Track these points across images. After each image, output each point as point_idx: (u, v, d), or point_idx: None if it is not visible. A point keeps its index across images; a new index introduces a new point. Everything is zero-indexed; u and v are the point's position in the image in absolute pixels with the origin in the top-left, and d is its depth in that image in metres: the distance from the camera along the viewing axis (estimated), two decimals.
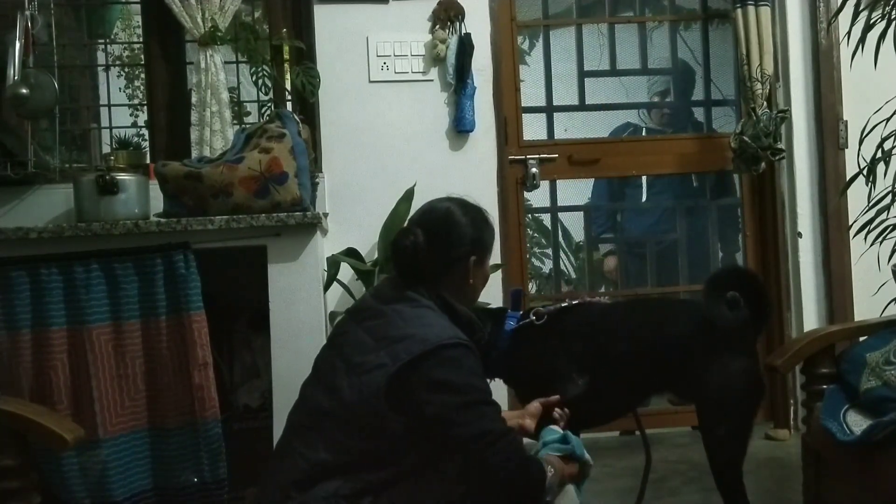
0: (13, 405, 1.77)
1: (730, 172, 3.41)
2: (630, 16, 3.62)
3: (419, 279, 1.66)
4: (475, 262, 1.72)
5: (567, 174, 3.32)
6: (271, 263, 2.21)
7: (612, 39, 3.50)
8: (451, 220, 1.73)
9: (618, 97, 3.78)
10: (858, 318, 3.02)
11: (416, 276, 1.67)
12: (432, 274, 1.67)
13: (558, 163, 3.26)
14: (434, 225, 1.72)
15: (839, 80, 3.15)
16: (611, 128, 3.80)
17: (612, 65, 3.51)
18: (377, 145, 2.93)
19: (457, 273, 1.71)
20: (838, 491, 1.96)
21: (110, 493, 2.07)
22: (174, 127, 2.89)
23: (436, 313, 1.63)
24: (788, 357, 2.07)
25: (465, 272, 1.71)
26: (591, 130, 3.76)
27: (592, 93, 3.51)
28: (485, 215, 1.79)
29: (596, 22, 3.62)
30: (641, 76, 3.76)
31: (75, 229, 2.17)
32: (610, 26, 3.52)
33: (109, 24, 3.15)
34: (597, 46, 3.68)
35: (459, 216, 1.73)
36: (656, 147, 3.50)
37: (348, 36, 2.93)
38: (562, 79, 3.53)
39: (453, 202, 1.77)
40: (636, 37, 3.54)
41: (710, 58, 3.53)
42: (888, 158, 2.35)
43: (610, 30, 3.52)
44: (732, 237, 3.70)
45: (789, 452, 2.83)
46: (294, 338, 2.20)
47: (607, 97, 3.73)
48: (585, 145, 3.38)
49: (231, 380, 2.63)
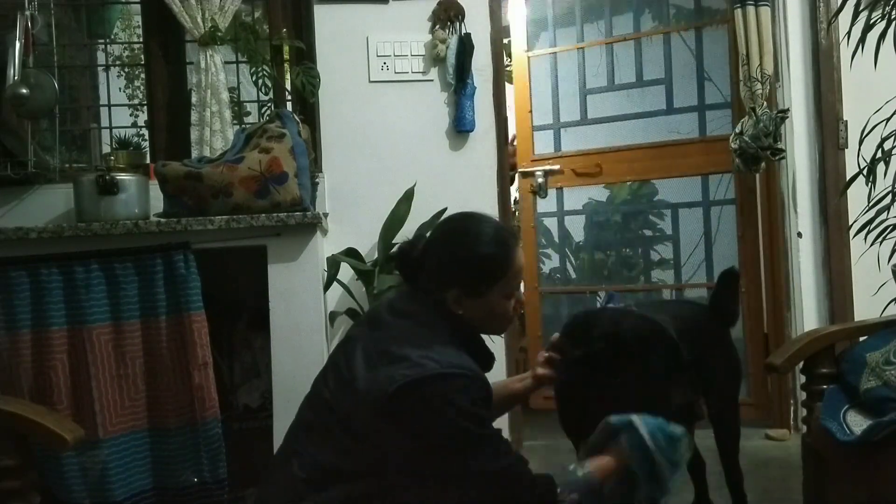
0: (13, 405, 1.76)
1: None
2: (627, 34, 3.78)
3: (424, 291, 1.58)
4: (459, 296, 1.55)
5: (572, 182, 3.58)
6: (271, 263, 2.21)
7: (610, 57, 3.79)
8: (447, 243, 1.61)
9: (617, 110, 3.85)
10: (858, 318, 3.02)
11: (417, 287, 1.60)
12: (433, 289, 1.57)
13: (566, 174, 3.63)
14: (435, 241, 1.63)
15: (839, 80, 3.16)
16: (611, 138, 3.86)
17: (611, 80, 3.77)
18: (377, 145, 2.93)
19: (444, 300, 1.56)
20: (838, 491, 1.96)
21: (110, 493, 2.07)
22: (174, 127, 2.89)
23: (438, 334, 1.52)
24: (788, 357, 2.07)
25: (446, 301, 1.55)
26: (592, 142, 3.85)
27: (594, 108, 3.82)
28: (498, 249, 1.59)
29: (597, 44, 3.83)
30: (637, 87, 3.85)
31: (75, 229, 2.17)
32: (608, 46, 3.79)
33: (109, 24, 3.14)
34: (595, 64, 3.86)
35: (460, 244, 1.59)
36: (656, 154, 3.55)
37: (348, 36, 2.94)
38: (566, 97, 3.86)
39: (473, 227, 1.62)
40: (632, 52, 3.74)
41: (704, 60, 3.57)
42: (888, 158, 2.35)
43: (608, 50, 3.79)
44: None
45: (789, 452, 2.83)
46: (294, 338, 2.20)
47: (606, 111, 3.85)
48: (588, 156, 3.70)
49: (231, 380, 2.63)
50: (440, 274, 1.57)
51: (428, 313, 1.55)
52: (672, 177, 3.68)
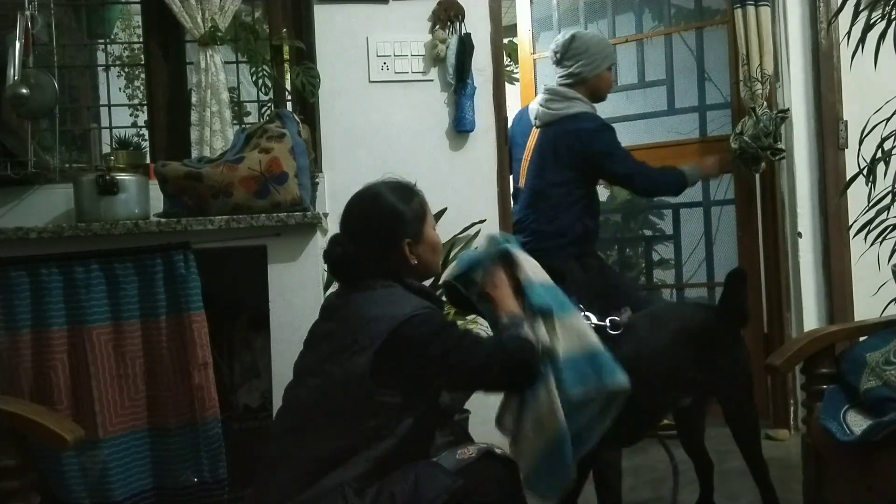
0: (13, 405, 1.76)
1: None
2: (628, 35, 3.78)
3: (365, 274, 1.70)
4: (410, 244, 1.72)
5: None
6: (271, 263, 2.21)
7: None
8: (368, 216, 1.74)
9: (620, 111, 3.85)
10: (858, 318, 3.02)
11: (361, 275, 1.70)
12: (374, 267, 1.70)
13: None
14: (354, 226, 1.75)
15: (839, 80, 3.16)
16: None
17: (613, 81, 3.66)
18: (377, 145, 2.93)
19: (395, 259, 1.72)
20: (838, 491, 1.96)
21: (110, 493, 2.07)
22: (174, 127, 2.89)
23: (398, 290, 1.68)
24: (788, 357, 2.07)
25: (404, 257, 1.72)
26: None
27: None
28: (405, 191, 1.78)
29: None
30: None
31: (75, 229, 2.17)
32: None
33: (109, 24, 3.14)
34: None
35: (376, 207, 1.74)
36: (657, 154, 3.55)
37: (348, 36, 2.93)
38: None
39: (367, 194, 1.77)
40: (634, 53, 3.74)
41: (704, 60, 3.57)
42: (888, 158, 2.34)
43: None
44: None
45: (789, 452, 2.83)
46: (294, 338, 2.18)
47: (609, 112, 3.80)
48: None
49: (231, 380, 2.63)
50: (385, 241, 1.71)
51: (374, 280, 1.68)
52: None
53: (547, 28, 3.95)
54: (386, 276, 1.70)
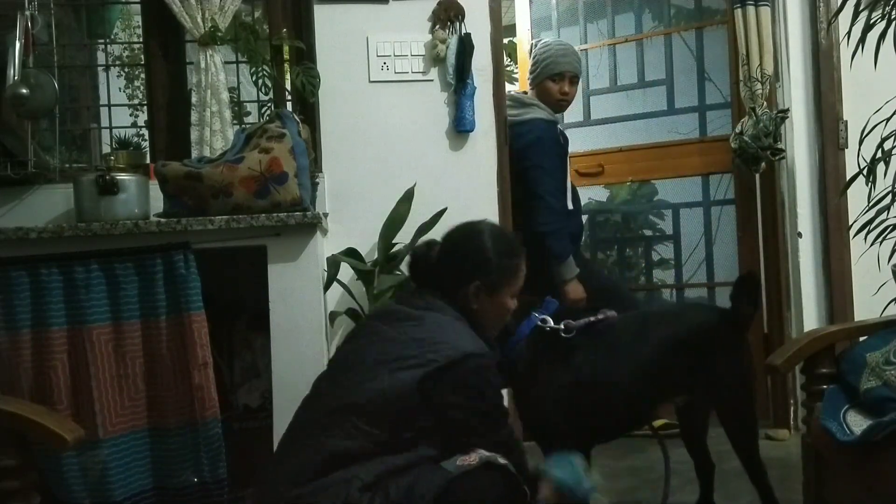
0: (13, 405, 1.76)
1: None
2: (628, 35, 3.81)
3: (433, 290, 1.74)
4: (479, 288, 1.74)
5: (575, 182, 3.51)
6: (271, 263, 2.21)
7: (612, 59, 3.84)
8: (464, 242, 1.79)
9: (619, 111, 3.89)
10: (858, 318, 3.02)
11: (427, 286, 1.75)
12: (444, 289, 1.74)
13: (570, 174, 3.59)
14: (452, 241, 1.80)
15: (839, 80, 3.16)
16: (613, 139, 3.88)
17: (613, 82, 3.80)
18: (377, 145, 2.93)
19: (461, 294, 1.74)
20: (838, 491, 1.96)
21: (110, 493, 2.07)
22: (174, 127, 2.89)
23: (465, 326, 1.71)
24: (788, 357, 2.07)
25: (467, 296, 1.74)
26: (595, 143, 3.89)
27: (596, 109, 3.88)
28: (508, 245, 1.81)
29: (599, 46, 3.88)
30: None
31: (75, 229, 2.17)
32: (610, 48, 3.83)
33: (109, 24, 3.14)
34: (597, 65, 3.91)
35: (479, 240, 1.77)
36: (657, 154, 3.56)
37: (348, 36, 2.93)
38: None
39: (487, 227, 1.82)
40: (634, 52, 3.78)
41: (704, 60, 3.58)
42: (888, 158, 2.35)
43: (610, 51, 3.83)
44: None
45: (789, 452, 2.83)
46: (294, 338, 2.20)
47: (608, 112, 3.89)
48: (591, 156, 3.74)
49: (231, 380, 2.63)
50: (462, 270, 1.75)
51: (448, 307, 1.72)
52: (672, 177, 3.69)
53: (546, 28, 3.96)
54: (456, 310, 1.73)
